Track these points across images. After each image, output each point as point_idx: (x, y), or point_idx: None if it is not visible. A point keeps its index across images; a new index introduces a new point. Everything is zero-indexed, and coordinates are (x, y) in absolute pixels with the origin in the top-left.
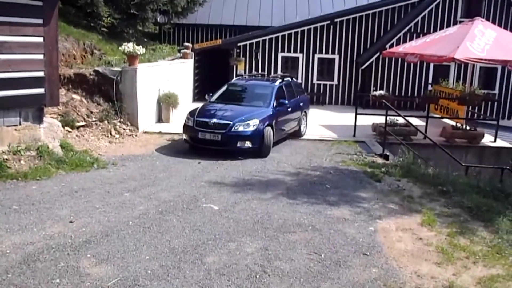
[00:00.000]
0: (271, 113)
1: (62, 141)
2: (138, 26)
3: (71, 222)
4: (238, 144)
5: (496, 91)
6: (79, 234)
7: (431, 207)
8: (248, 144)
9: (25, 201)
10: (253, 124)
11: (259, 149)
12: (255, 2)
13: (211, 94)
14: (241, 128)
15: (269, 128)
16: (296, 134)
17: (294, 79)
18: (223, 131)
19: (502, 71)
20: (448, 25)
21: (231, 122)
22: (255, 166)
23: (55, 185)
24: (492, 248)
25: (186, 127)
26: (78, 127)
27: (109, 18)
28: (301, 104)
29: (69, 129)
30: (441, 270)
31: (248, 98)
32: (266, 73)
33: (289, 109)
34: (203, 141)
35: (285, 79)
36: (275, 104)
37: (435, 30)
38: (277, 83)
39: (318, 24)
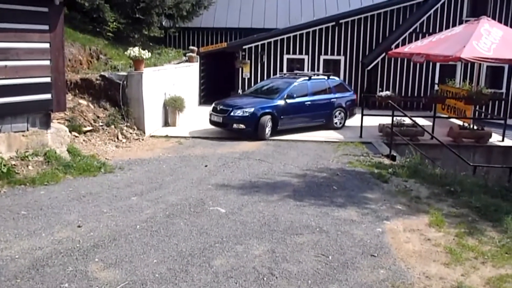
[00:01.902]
0: (275, 104)
1: (69, 146)
2: (143, 30)
3: (79, 226)
4: (234, 126)
5: (503, 90)
6: (87, 239)
7: (439, 208)
8: (242, 126)
9: (33, 206)
10: (247, 111)
11: (254, 132)
12: (260, 4)
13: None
14: (237, 113)
15: (267, 116)
16: (327, 127)
17: (333, 78)
18: (224, 115)
19: (509, 70)
20: (454, 25)
21: (230, 108)
22: (262, 168)
23: (63, 190)
24: (501, 248)
25: (209, 112)
26: (85, 132)
27: (114, 23)
28: (333, 100)
29: (76, 134)
30: (449, 271)
31: (268, 91)
32: (311, 72)
33: (308, 103)
34: (213, 122)
35: (313, 77)
36: (285, 97)
37: (440, 30)
38: (300, 80)
39: (323, 26)
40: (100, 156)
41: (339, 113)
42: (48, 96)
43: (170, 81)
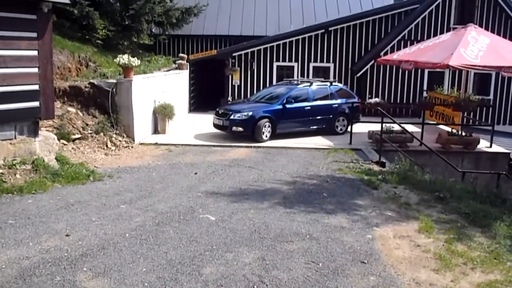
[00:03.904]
0: (273, 108)
1: (57, 154)
2: (133, 37)
3: (67, 235)
4: (233, 128)
5: (491, 97)
6: (75, 248)
7: (428, 214)
8: (240, 129)
9: (21, 215)
10: (246, 114)
11: (252, 135)
12: (250, 12)
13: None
14: (236, 116)
15: (265, 119)
16: (329, 132)
17: (337, 84)
18: (225, 118)
19: (496, 76)
20: (442, 32)
21: (230, 112)
22: (252, 175)
23: (51, 198)
24: (489, 253)
25: (213, 116)
26: (73, 140)
27: (104, 30)
28: (335, 106)
29: (65, 142)
30: (439, 277)
31: (269, 97)
32: (314, 78)
33: (308, 108)
34: (216, 125)
35: (314, 83)
36: (284, 102)
37: (428, 37)
38: (300, 86)
39: (313, 33)
40: (89, 164)
41: (342, 119)
42: (36, 103)
43: (160, 89)
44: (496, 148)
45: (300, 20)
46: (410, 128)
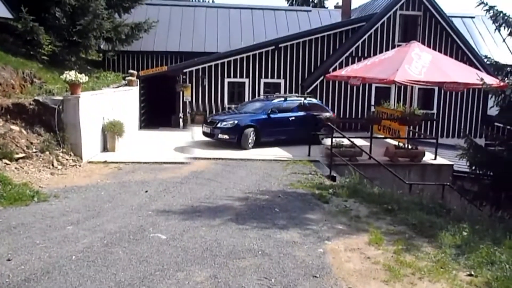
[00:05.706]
0: (258, 118)
1: None
2: (81, 53)
3: (8, 260)
4: (220, 136)
5: (434, 111)
6: (18, 273)
7: (378, 226)
8: (226, 136)
9: None
10: (230, 123)
11: (238, 142)
12: (201, 28)
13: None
14: (223, 125)
15: (250, 128)
16: (308, 142)
17: (311, 99)
18: (213, 126)
19: (439, 91)
20: (387, 49)
21: (217, 121)
22: (204, 192)
23: None
24: (436, 263)
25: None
26: (17, 159)
27: (50, 46)
28: (313, 118)
29: (7, 162)
30: None
31: (255, 107)
32: (288, 94)
33: (288, 119)
34: (204, 133)
35: (289, 98)
36: (269, 112)
37: (375, 54)
38: (279, 100)
39: (263, 50)
40: (34, 184)
41: (323, 129)
42: None
43: (109, 106)
44: (440, 160)
45: (251, 37)
46: (359, 142)
